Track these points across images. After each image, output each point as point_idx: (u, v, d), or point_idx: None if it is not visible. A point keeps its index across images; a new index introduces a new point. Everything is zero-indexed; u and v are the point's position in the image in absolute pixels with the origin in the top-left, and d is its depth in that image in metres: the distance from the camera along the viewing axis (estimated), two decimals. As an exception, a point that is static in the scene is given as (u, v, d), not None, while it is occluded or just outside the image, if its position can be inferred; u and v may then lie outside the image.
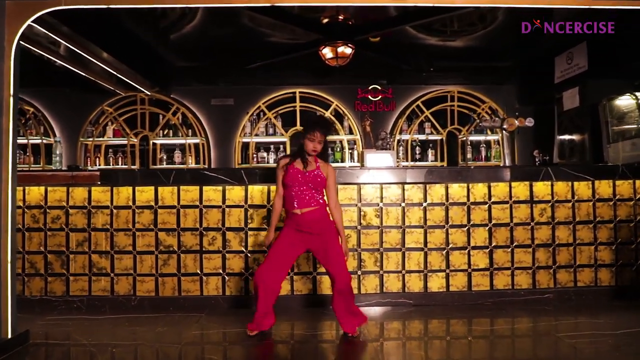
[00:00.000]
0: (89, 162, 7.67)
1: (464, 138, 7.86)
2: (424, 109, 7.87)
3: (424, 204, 4.25)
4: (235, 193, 4.17)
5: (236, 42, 6.65)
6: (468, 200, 4.26)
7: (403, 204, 4.24)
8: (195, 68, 7.68)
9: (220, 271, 4.16)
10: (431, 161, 7.94)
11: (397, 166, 7.69)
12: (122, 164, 7.73)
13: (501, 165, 7.49)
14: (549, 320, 3.80)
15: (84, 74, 6.52)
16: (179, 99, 7.87)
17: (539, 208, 4.29)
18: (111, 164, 7.76)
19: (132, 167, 7.64)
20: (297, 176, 3.32)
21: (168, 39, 6.52)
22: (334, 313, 3.44)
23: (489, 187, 4.27)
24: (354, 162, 7.71)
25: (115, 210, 4.17)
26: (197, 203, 4.17)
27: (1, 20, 3.03)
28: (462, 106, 7.92)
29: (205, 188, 4.16)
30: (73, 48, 5.34)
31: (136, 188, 4.17)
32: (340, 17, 5.86)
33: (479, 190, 4.27)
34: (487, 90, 7.98)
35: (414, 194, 4.25)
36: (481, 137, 8.01)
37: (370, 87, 8.00)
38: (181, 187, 4.16)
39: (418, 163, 7.87)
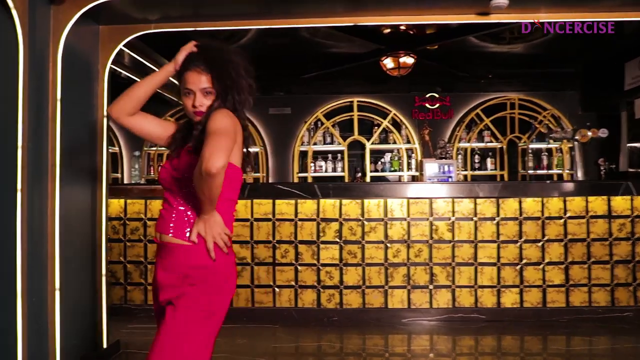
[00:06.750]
0: (152, 171, 7.93)
1: (525, 146, 7.68)
2: (483, 116, 7.74)
3: (497, 219, 4.18)
4: (307, 207, 4.23)
5: (293, 52, 6.65)
6: (542, 214, 4.17)
7: (475, 218, 4.19)
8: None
9: (293, 283, 4.22)
10: (490, 170, 7.80)
11: (458, 177, 7.63)
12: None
13: (563, 175, 7.41)
14: (629, 340, 3.68)
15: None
16: (238, 109, 8.00)
17: (617, 223, 4.14)
18: (173, 173, 7.98)
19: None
20: (168, 171, 1.87)
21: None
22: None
23: (565, 202, 4.17)
24: (411, 171, 7.66)
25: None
26: (270, 216, 4.25)
27: (96, 44, 3.19)
28: (523, 113, 7.74)
29: (277, 201, 4.24)
30: (148, 64, 5.54)
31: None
32: (402, 27, 5.83)
33: (554, 204, 4.17)
34: (548, 97, 7.76)
35: (486, 208, 4.19)
36: (542, 145, 7.80)
37: (427, 95, 7.90)
38: (254, 200, 4.25)
39: (477, 172, 7.75)
